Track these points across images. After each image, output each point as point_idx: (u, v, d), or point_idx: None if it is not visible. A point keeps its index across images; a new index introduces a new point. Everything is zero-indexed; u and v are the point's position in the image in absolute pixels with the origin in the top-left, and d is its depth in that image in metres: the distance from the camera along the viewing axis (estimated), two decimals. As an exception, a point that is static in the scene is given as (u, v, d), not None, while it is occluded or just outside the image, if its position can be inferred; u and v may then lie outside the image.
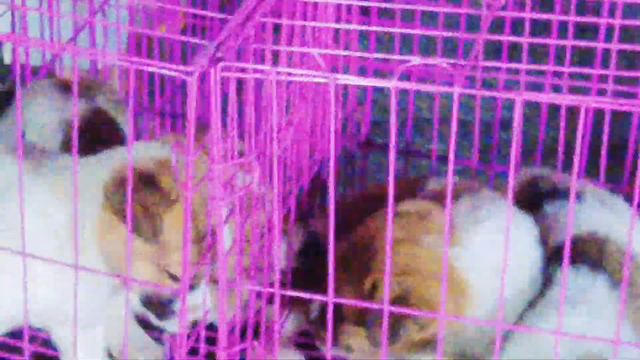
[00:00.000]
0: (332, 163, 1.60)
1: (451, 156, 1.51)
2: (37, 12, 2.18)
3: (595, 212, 1.94)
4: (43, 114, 2.09)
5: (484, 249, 1.83)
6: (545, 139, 2.32)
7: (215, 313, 1.75)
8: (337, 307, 1.77)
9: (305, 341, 2.07)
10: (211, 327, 1.78)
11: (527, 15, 1.90)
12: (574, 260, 1.80)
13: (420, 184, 2.02)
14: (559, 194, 1.97)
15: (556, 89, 2.17)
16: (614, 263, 1.82)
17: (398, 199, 1.63)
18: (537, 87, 2.13)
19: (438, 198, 1.93)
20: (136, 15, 2.35)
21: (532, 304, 1.81)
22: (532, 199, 1.99)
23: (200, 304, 1.79)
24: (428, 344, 1.85)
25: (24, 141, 1.79)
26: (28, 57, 2.25)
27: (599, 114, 2.02)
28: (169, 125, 2.45)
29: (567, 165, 2.12)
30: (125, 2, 2.29)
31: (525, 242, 1.86)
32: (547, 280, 1.83)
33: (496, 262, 1.76)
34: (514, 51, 2.09)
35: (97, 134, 2.00)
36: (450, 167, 1.50)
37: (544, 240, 1.91)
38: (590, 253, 1.85)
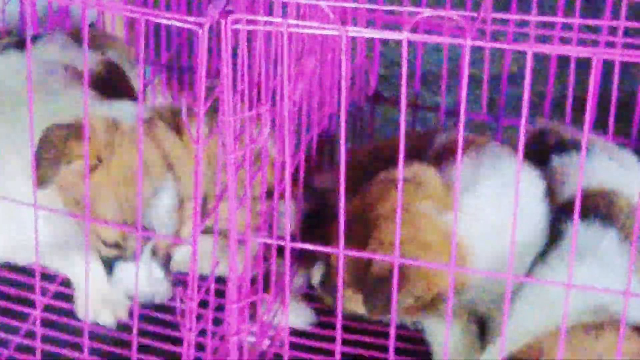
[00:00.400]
0: (342, 116, 1.61)
1: (462, 110, 1.50)
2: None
3: (604, 166, 1.95)
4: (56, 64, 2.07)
5: (485, 209, 1.85)
6: (554, 93, 2.32)
7: (226, 266, 1.75)
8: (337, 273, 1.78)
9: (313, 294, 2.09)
10: (221, 281, 1.78)
11: None
12: (583, 215, 1.81)
13: (429, 139, 2.03)
14: (567, 147, 1.97)
15: (565, 41, 2.17)
16: (624, 217, 1.83)
17: (407, 154, 1.64)
18: (545, 40, 2.15)
19: (447, 153, 1.94)
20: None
21: (542, 258, 1.82)
22: (540, 152, 1.99)
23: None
24: (428, 307, 1.87)
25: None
26: (35, 8, 2.27)
27: (607, 68, 2.04)
28: (175, 79, 2.47)
29: (576, 119, 2.14)
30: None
31: (531, 196, 1.87)
32: (556, 234, 1.83)
33: (499, 219, 1.80)
34: (523, 4, 2.10)
35: (107, 86, 1.99)
36: (462, 120, 1.50)
37: (552, 193, 1.92)
38: (599, 207, 1.85)
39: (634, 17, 2.01)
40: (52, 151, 1.72)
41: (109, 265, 1.81)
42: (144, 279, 1.79)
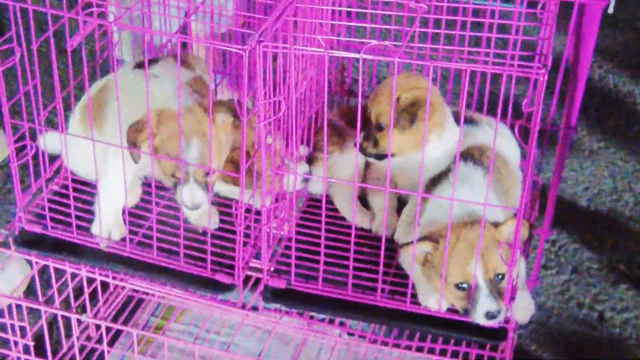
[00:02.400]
0: (325, 103, 1.68)
1: (393, 98, 1.62)
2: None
3: (484, 132, 1.96)
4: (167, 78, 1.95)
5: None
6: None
7: (259, 200, 1.79)
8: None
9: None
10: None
11: (443, 17, 1.89)
12: (467, 158, 1.84)
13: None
14: (466, 120, 1.94)
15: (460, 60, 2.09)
16: (488, 161, 1.82)
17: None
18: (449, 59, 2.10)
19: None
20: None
21: (440, 182, 1.82)
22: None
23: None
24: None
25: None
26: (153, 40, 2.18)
27: (482, 75, 2.03)
28: (234, 82, 2.33)
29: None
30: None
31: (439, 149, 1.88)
32: (450, 169, 1.82)
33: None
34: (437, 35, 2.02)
35: (196, 91, 1.90)
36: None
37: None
38: (475, 155, 1.86)
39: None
40: (130, 142, 1.72)
41: (174, 188, 1.77)
42: (189, 194, 1.74)
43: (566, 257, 2.76)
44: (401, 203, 1.97)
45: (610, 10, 2.01)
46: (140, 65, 1.92)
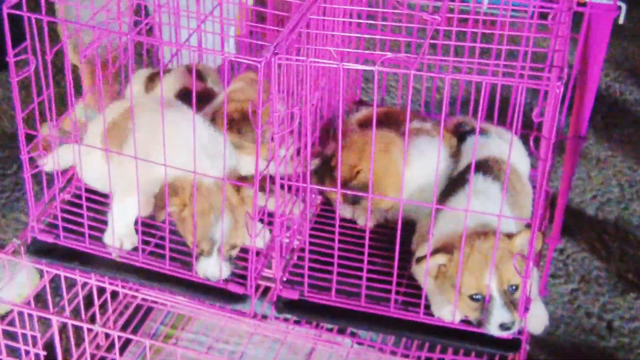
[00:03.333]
0: (340, 111, 1.70)
1: (408, 107, 1.58)
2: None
3: (495, 143, 1.96)
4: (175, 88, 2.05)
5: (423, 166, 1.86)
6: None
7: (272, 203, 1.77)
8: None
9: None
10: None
11: (454, 29, 1.91)
12: (483, 171, 1.85)
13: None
14: (474, 131, 1.92)
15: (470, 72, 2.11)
16: (503, 174, 1.82)
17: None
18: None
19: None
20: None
21: (454, 193, 1.82)
22: (460, 134, 2.01)
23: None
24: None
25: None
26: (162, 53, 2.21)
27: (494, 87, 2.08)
28: None
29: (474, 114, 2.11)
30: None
31: (443, 160, 1.90)
32: (464, 181, 1.82)
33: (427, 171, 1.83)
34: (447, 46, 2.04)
35: (207, 101, 1.98)
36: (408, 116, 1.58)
37: (464, 158, 1.92)
38: (491, 168, 1.86)
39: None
40: (159, 204, 1.72)
41: (197, 258, 1.77)
42: (215, 268, 1.75)
43: (574, 266, 2.76)
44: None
45: (621, 21, 2.02)
46: (152, 79, 1.95)
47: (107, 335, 2.32)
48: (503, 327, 1.67)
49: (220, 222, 1.73)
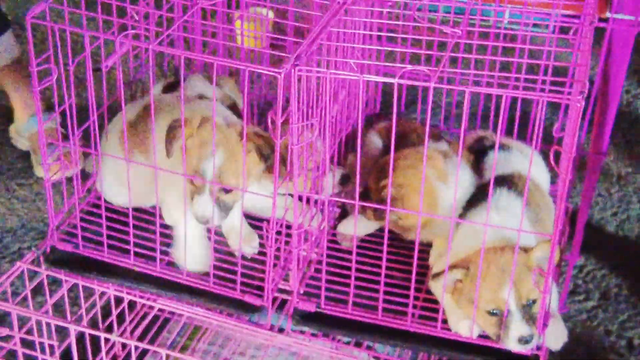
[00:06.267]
0: (360, 125, 1.68)
1: (428, 120, 1.58)
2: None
3: (517, 158, 1.96)
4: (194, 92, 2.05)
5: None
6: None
7: (291, 215, 1.78)
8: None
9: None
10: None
11: (475, 42, 1.87)
12: (504, 186, 1.84)
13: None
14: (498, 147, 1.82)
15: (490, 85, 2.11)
16: (522, 187, 1.83)
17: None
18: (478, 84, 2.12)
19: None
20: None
21: (474, 208, 1.82)
22: (481, 149, 2.02)
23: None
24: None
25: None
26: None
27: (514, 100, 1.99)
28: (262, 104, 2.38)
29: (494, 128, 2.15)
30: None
31: (466, 176, 1.90)
32: (485, 195, 1.76)
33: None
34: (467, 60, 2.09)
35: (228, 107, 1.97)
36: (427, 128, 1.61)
37: (486, 173, 1.92)
38: (514, 183, 1.86)
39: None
40: (169, 136, 1.74)
41: (191, 198, 1.75)
42: (199, 205, 1.73)
43: (594, 283, 2.74)
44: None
45: (644, 35, 2.01)
46: (169, 88, 1.96)
47: (124, 346, 2.32)
48: (522, 341, 1.66)
49: (213, 158, 1.71)
